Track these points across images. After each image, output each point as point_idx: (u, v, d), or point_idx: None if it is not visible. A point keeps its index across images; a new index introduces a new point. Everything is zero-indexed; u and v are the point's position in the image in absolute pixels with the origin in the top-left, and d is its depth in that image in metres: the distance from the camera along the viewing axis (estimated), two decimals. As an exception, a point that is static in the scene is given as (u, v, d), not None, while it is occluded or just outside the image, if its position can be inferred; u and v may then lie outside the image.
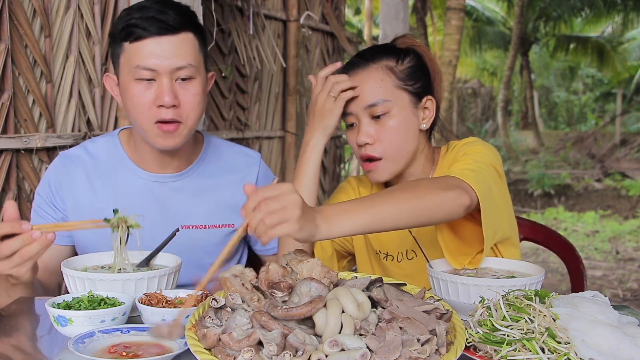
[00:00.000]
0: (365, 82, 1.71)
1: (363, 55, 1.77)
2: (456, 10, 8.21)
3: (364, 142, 1.71)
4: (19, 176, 2.44)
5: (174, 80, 1.66)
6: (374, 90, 1.70)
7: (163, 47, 1.64)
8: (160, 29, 1.63)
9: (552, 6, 18.84)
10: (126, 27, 1.65)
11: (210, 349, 1.07)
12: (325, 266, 1.20)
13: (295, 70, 4.48)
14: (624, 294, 6.27)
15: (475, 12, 19.97)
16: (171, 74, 1.65)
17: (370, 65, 1.73)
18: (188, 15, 1.71)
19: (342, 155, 5.90)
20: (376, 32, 7.97)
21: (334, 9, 5.19)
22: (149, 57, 1.63)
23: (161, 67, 1.64)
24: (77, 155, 1.88)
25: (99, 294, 1.37)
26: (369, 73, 1.72)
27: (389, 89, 1.71)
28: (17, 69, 2.40)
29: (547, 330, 1.09)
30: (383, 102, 1.69)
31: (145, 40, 1.63)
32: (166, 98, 1.64)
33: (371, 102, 1.69)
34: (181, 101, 1.67)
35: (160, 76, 1.65)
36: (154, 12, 1.64)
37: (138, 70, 1.64)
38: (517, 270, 1.51)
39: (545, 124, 27.00)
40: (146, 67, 1.64)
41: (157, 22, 1.63)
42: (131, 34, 1.64)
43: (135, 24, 1.63)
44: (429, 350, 1.03)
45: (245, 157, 1.98)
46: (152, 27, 1.63)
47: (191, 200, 1.86)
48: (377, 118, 1.70)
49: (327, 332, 1.05)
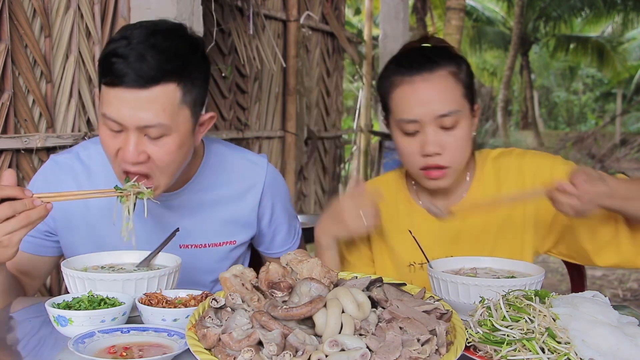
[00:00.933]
0: (435, 89, 1.63)
1: (428, 57, 1.67)
2: (456, 10, 8.21)
3: (433, 152, 1.63)
4: (19, 176, 2.44)
5: (144, 135, 1.49)
6: (446, 99, 1.62)
7: (132, 101, 1.45)
8: (133, 80, 1.44)
9: (552, 6, 18.85)
10: (103, 64, 1.49)
11: (210, 349, 1.07)
12: (325, 266, 1.20)
13: (295, 70, 4.48)
14: (624, 294, 6.27)
15: (475, 12, 19.97)
16: (139, 130, 1.48)
17: (437, 71, 1.64)
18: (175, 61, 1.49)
19: (342, 155, 5.90)
20: (376, 32, 7.97)
21: (334, 9, 5.19)
22: (117, 109, 1.46)
23: (127, 122, 1.47)
24: (68, 164, 1.75)
25: (99, 294, 1.36)
26: (439, 80, 1.63)
27: (458, 98, 1.65)
28: (17, 69, 2.40)
29: (547, 330, 1.09)
30: (455, 113, 1.63)
31: (116, 89, 1.46)
32: (129, 155, 1.49)
33: (443, 113, 1.62)
34: (151, 156, 1.51)
35: (127, 129, 1.49)
36: (134, 56, 1.44)
37: (106, 120, 1.50)
38: (517, 270, 1.51)
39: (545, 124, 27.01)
40: (112, 119, 1.48)
41: (133, 70, 1.44)
42: (104, 76, 1.49)
43: (110, 67, 1.46)
44: (429, 350, 1.03)
45: (250, 164, 1.84)
46: (126, 76, 1.44)
47: (190, 219, 1.75)
48: (445, 129, 1.63)
49: (327, 332, 1.05)
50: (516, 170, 1.75)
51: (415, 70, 1.65)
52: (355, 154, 6.86)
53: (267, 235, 1.90)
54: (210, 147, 1.81)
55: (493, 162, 1.79)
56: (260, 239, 1.91)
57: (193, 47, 1.56)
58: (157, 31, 1.50)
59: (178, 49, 1.50)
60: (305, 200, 5.02)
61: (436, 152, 1.64)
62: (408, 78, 1.65)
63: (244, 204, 1.81)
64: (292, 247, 1.95)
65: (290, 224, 1.94)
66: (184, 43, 1.53)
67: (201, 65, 1.58)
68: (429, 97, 1.63)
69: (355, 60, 5.99)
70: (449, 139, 1.64)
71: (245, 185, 1.81)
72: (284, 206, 1.90)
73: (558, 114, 28.81)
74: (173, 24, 1.58)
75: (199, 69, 1.56)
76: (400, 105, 1.67)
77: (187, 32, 1.58)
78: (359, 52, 6.53)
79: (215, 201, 1.78)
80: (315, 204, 5.24)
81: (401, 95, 1.67)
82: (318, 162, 5.27)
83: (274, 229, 1.90)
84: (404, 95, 1.66)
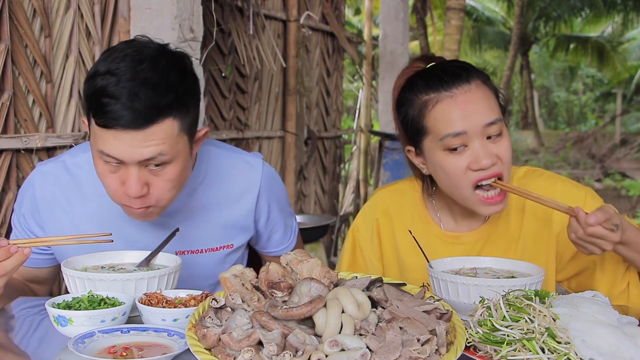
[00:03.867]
0: (479, 100, 1.56)
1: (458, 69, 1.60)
2: (456, 10, 8.20)
3: (489, 165, 1.54)
4: (19, 176, 2.44)
5: (144, 167, 1.47)
6: (489, 108, 1.56)
7: (131, 140, 1.42)
8: (129, 123, 1.40)
9: (552, 6, 18.84)
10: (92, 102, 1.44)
11: (210, 349, 1.07)
12: (325, 266, 1.20)
13: (295, 70, 4.48)
14: (624, 294, 6.26)
15: (475, 12, 19.97)
16: (139, 164, 1.46)
17: (474, 80, 1.58)
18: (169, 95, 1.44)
19: (342, 155, 5.90)
20: (376, 32, 7.97)
21: (334, 9, 5.19)
22: (115, 147, 1.43)
23: (128, 158, 1.44)
24: (55, 173, 1.70)
25: (99, 294, 1.36)
26: (477, 89, 1.57)
27: (497, 107, 1.59)
28: (17, 69, 2.40)
29: (547, 330, 1.09)
30: (499, 121, 1.57)
31: (111, 130, 1.42)
32: (132, 189, 1.47)
33: (490, 120, 1.55)
34: (151, 187, 1.49)
35: (126, 165, 1.46)
36: (126, 97, 1.39)
37: (103, 156, 1.46)
38: (517, 270, 1.51)
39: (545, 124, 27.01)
40: (111, 156, 1.44)
41: (128, 112, 1.40)
42: (96, 116, 1.44)
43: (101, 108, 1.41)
44: (429, 350, 1.03)
45: (245, 165, 1.79)
46: (121, 119, 1.40)
47: (185, 226, 1.71)
48: (491, 138, 1.57)
49: (327, 332, 1.05)
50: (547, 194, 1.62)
51: (453, 83, 1.57)
52: (355, 154, 6.86)
53: (263, 236, 1.89)
54: (202, 150, 1.75)
55: (519, 182, 1.72)
56: (256, 238, 1.90)
57: (182, 71, 1.50)
58: (143, 61, 1.44)
59: (169, 80, 1.45)
60: (305, 200, 5.02)
61: (493, 164, 1.55)
62: (446, 92, 1.57)
63: (240, 206, 1.78)
64: (289, 247, 1.95)
65: (287, 223, 1.93)
66: (173, 70, 1.47)
67: (192, 88, 1.54)
68: (473, 107, 1.55)
69: (355, 60, 5.99)
70: (499, 149, 1.57)
71: (241, 188, 1.78)
72: (280, 206, 1.88)
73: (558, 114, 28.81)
74: (156, 47, 1.50)
75: (190, 94, 1.52)
76: (443, 121, 1.56)
77: (171, 54, 1.51)
78: (359, 52, 6.53)
79: (210, 205, 1.75)
80: (315, 204, 5.24)
81: (442, 111, 1.57)
82: (318, 162, 5.27)
83: (270, 229, 1.89)
84: (446, 110, 1.56)
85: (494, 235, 1.72)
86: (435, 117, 1.58)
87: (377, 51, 7.49)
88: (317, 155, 5.18)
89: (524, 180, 1.73)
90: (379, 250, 1.83)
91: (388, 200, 1.83)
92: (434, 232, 1.76)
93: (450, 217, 1.75)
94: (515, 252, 1.70)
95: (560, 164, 16.90)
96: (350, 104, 14.70)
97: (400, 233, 1.78)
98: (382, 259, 1.83)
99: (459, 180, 1.58)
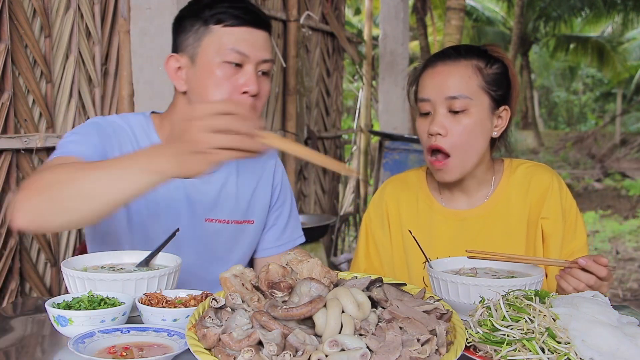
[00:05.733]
0: (452, 75, 1.72)
1: (457, 49, 1.79)
2: (456, 10, 8.19)
3: (435, 132, 1.70)
4: (19, 176, 2.44)
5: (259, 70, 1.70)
6: (459, 84, 1.71)
7: (255, 37, 1.69)
8: (253, 22, 1.69)
9: (552, 6, 18.83)
10: (221, 12, 1.68)
11: (210, 349, 1.07)
12: (325, 266, 1.20)
13: (295, 70, 4.48)
14: (624, 294, 6.27)
15: (475, 12, 19.96)
16: (256, 65, 1.69)
17: (461, 61, 1.74)
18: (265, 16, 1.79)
19: (342, 155, 5.90)
20: (376, 32, 7.98)
21: (334, 9, 5.19)
22: (243, 43, 1.67)
23: (252, 54, 1.67)
24: (117, 123, 1.75)
25: (99, 294, 1.36)
26: (458, 67, 1.73)
27: (473, 87, 1.72)
28: (17, 69, 2.40)
29: (547, 330, 1.09)
30: (464, 98, 1.70)
31: (241, 28, 1.67)
32: (252, 86, 1.67)
33: (453, 95, 1.70)
34: (261, 90, 1.71)
35: (247, 64, 1.67)
36: (246, 4, 1.71)
37: (230, 52, 1.66)
38: (517, 270, 1.51)
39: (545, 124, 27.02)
40: (240, 52, 1.66)
41: (251, 15, 1.69)
42: (227, 19, 1.67)
43: (230, 12, 1.67)
44: (429, 350, 1.03)
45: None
46: (247, 16, 1.68)
47: (216, 195, 1.82)
48: (454, 113, 1.70)
49: (327, 332, 1.05)
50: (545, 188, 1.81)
51: (440, 59, 1.76)
52: (355, 154, 6.86)
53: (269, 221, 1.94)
54: None
55: (524, 171, 1.84)
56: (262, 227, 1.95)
57: None
58: None
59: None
60: (305, 200, 5.02)
61: (438, 133, 1.70)
62: (432, 64, 1.77)
63: (261, 186, 1.90)
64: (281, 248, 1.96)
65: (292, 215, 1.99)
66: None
67: None
68: (443, 79, 1.72)
69: (355, 60, 5.99)
70: (455, 124, 1.70)
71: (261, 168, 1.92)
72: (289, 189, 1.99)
73: (558, 114, 28.82)
74: None
75: None
76: (420, 87, 1.78)
77: None
78: (359, 52, 6.53)
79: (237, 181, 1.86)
80: (315, 204, 5.24)
81: (423, 78, 1.78)
82: (318, 162, 5.25)
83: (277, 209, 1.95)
84: (424, 77, 1.77)
85: (493, 214, 1.81)
86: (419, 83, 1.80)
87: (377, 51, 7.49)
88: (317, 155, 5.16)
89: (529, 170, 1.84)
90: (389, 233, 1.92)
91: (395, 185, 1.96)
92: (436, 210, 1.87)
93: (450, 195, 1.87)
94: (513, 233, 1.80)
95: (560, 164, 16.90)
96: (350, 104, 14.70)
97: (407, 216, 1.89)
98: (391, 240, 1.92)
99: (422, 142, 1.78)
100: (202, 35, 1.69)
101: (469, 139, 1.71)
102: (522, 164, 1.87)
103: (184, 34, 1.71)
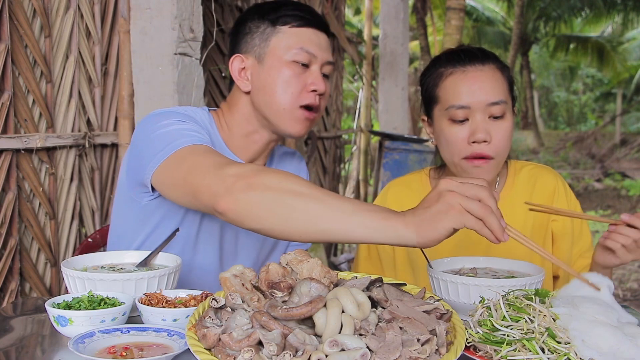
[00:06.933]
0: (488, 79, 1.69)
1: (479, 51, 1.75)
2: (456, 10, 8.20)
3: (481, 139, 1.66)
4: (19, 176, 2.44)
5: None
6: (498, 89, 1.69)
7: (320, 39, 1.75)
8: (318, 24, 1.76)
9: (552, 6, 18.84)
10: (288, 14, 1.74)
11: (210, 349, 1.07)
12: (325, 266, 1.20)
13: (295, 70, 4.47)
14: (624, 294, 6.27)
15: (475, 12, 19.97)
16: (322, 66, 1.74)
17: (489, 63, 1.71)
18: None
19: (342, 155, 5.90)
20: (376, 32, 7.97)
21: (334, 9, 5.19)
22: (310, 44, 1.72)
23: (319, 55, 1.73)
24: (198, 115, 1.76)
25: (99, 294, 1.36)
26: (490, 71, 1.70)
27: (505, 91, 1.71)
28: (17, 69, 2.40)
29: (547, 330, 1.09)
30: (503, 103, 1.68)
31: (308, 29, 1.73)
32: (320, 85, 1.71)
33: (495, 100, 1.67)
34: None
35: (314, 64, 1.73)
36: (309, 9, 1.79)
37: (300, 52, 1.70)
38: (517, 270, 1.51)
39: (545, 124, 27.02)
40: (308, 51, 1.71)
41: (316, 17, 1.77)
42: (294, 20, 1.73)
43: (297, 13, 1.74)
44: (429, 350, 1.03)
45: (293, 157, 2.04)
46: (312, 18, 1.75)
47: None
48: (493, 118, 1.68)
49: (327, 332, 1.05)
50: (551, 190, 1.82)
51: (469, 61, 1.72)
52: (355, 154, 6.86)
53: None
54: None
55: (528, 172, 1.85)
56: None
57: None
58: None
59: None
60: (305, 200, 5.01)
61: (484, 140, 1.67)
62: (461, 68, 1.71)
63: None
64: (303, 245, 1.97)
65: None
66: None
67: None
68: (481, 85, 1.68)
69: (355, 60, 5.99)
70: (497, 129, 1.68)
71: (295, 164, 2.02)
72: None
73: (558, 114, 28.83)
74: None
75: None
76: (451, 93, 1.70)
77: None
78: (359, 52, 6.53)
79: None
80: (315, 204, 5.23)
81: (453, 83, 1.71)
82: (318, 162, 5.26)
83: None
84: (456, 83, 1.70)
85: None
86: (446, 88, 1.72)
87: (377, 51, 7.48)
88: (317, 155, 5.18)
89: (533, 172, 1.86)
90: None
91: (398, 188, 1.95)
92: None
93: None
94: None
95: (560, 164, 16.90)
96: (350, 104, 14.70)
97: None
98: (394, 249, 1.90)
99: (455, 149, 1.71)
100: (269, 36, 1.73)
101: (508, 143, 1.71)
102: (525, 165, 1.87)
103: (249, 35, 1.75)
